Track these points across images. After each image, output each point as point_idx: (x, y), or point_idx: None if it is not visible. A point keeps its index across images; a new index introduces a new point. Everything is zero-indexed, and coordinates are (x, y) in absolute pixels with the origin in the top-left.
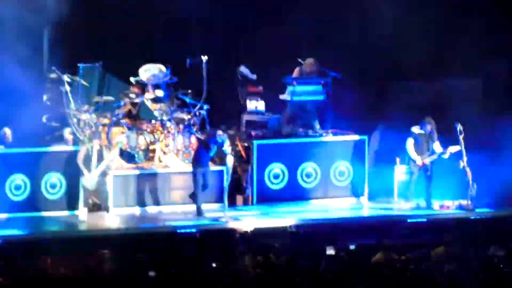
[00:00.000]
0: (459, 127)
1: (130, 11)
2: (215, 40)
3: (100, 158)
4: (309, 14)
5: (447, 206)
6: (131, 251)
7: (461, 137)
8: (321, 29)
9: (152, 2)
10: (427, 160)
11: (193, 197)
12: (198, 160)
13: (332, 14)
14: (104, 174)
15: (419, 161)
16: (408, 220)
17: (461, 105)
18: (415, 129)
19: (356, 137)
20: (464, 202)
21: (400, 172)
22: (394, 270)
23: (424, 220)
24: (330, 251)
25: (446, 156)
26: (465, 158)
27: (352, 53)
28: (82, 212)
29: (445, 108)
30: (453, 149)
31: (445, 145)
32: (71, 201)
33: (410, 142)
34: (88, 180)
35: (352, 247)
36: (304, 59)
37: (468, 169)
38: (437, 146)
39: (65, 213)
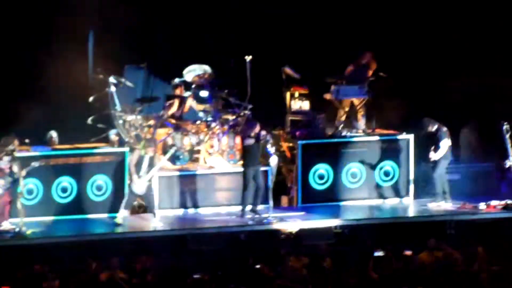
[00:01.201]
0: (506, 126)
1: (175, 11)
2: (259, 39)
3: (151, 164)
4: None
5: (493, 206)
6: (176, 253)
7: (507, 136)
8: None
9: (195, 3)
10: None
11: (243, 198)
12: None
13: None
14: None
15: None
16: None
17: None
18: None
19: (401, 136)
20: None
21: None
22: (441, 270)
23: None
24: (379, 253)
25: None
26: None
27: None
28: (121, 215)
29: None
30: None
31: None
32: (116, 204)
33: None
34: (137, 185)
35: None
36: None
37: None
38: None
39: (107, 215)
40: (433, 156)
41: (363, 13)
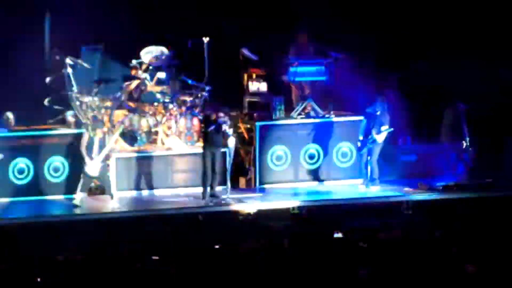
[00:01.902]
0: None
1: None
2: (216, 21)
3: (103, 145)
4: None
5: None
6: (133, 234)
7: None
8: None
9: None
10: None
11: (202, 181)
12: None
13: None
14: (106, 159)
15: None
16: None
17: None
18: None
19: (358, 118)
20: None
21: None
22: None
23: None
24: (338, 234)
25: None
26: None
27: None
28: (78, 197)
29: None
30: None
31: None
32: (74, 185)
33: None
34: (91, 167)
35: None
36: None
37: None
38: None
39: (64, 197)
40: (377, 137)
41: None
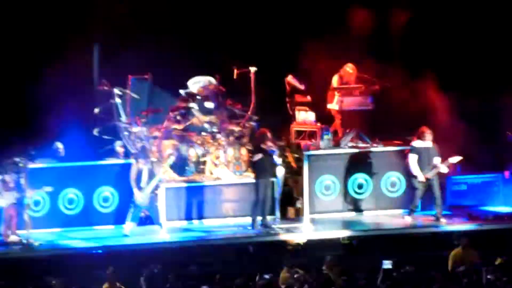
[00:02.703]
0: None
1: (181, 22)
2: (263, 51)
3: (151, 175)
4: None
5: None
6: (182, 264)
7: None
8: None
9: (200, 15)
10: (430, 175)
11: (253, 210)
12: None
13: None
14: (155, 189)
15: (421, 178)
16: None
17: None
18: (417, 143)
19: (406, 147)
20: None
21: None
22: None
23: None
24: (387, 265)
25: (446, 169)
26: None
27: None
28: (128, 227)
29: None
30: (454, 160)
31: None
32: (123, 215)
33: (412, 157)
34: (139, 197)
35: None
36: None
37: None
38: (437, 160)
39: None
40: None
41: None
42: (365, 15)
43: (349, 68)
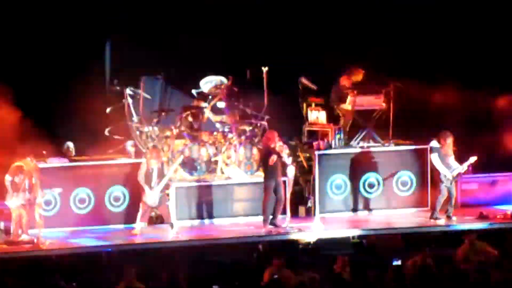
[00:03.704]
0: None
1: (193, 22)
2: (276, 51)
3: (161, 174)
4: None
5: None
6: (193, 263)
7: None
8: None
9: (212, 14)
10: (455, 173)
11: (264, 209)
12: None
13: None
14: (166, 188)
15: (449, 175)
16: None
17: None
18: (436, 143)
19: (418, 146)
20: None
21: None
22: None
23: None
24: (397, 262)
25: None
26: None
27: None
28: (138, 226)
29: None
30: (472, 160)
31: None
32: (134, 214)
33: (436, 157)
34: (150, 196)
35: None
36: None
37: None
38: (453, 160)
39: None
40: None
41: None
42: None
43: (357, 69)
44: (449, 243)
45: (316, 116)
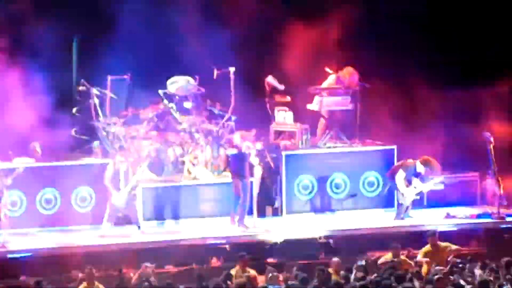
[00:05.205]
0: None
1: (158, 23)
2: (242, 51)
3: (128, 175)
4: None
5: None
6: (161, 264)
7: (490, 146)
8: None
9: (178, 14)
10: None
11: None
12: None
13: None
14: (133, 189)
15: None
16: None
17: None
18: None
19: (385, 146)
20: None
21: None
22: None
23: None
24: (361, 262)
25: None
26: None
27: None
28: (105, 227)
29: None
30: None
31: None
32: (100, 215)
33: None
34: (117, 197)
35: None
36: (339, 68)
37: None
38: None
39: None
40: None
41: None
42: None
43: (348, 70)
44: (414, 243)
45: (283, 116)
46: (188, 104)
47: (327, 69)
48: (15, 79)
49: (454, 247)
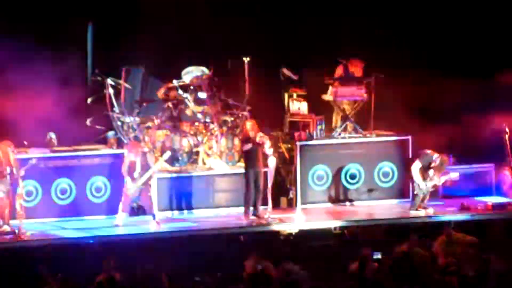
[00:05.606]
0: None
1: (174, 12)
2: (257, 41)
3: (144, 165)
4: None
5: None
6: (175, 255)
7: (506, 137)
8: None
9: (194, 4)
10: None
11: (244, 200)
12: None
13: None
14: (149, 179)
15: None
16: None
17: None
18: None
19: (399, 137)
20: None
21: None
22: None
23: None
24: (377, 255)
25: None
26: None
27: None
28: (120, 217)
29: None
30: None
31: None
32: (116, 205)
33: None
34: (132, 187)
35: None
36: (346, 58)
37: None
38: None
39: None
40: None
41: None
42: None
43: (357, 61)
44: (430, 234)
45: (298, 106)
46: (202, 94)
47: (338, 60)
48: (29, 68)
49: (469, 238)
